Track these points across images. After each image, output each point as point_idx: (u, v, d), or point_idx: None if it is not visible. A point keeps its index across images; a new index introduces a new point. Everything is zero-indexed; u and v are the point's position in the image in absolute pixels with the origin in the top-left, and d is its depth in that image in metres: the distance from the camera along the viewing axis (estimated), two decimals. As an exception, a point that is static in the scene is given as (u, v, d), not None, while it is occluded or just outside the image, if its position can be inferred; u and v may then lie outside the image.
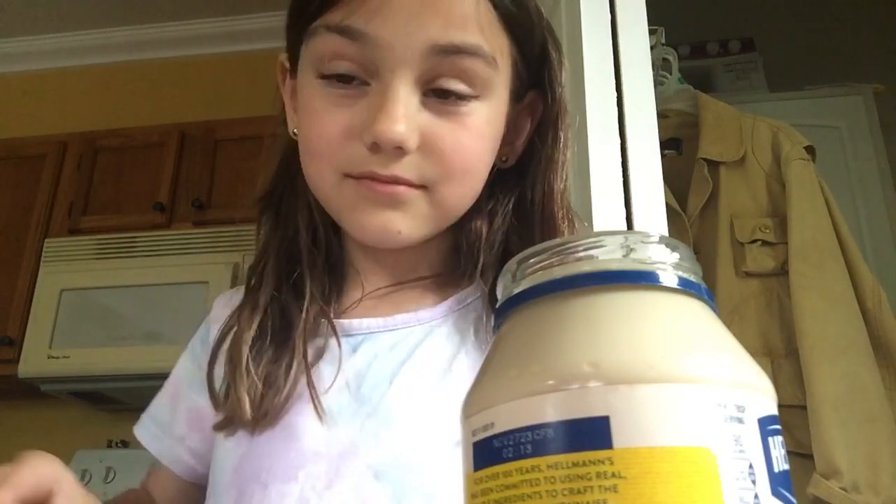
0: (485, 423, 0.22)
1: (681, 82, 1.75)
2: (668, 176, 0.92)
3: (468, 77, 0.51)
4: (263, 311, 0.59)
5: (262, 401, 0.54)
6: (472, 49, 0.50)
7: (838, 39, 2.57)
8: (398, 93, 0.50)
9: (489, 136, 0.55)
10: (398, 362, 0.55)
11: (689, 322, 0.22)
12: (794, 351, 1.38)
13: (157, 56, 2.67)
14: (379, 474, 0.51)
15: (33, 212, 2.26)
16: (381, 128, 0.49)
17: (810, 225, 1.44)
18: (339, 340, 0.57)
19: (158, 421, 0.67)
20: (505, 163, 0.60)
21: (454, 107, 0.52)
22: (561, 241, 0.24)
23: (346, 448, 0.52)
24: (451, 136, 0.52)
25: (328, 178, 0.54)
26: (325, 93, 0.53)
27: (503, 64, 0.54)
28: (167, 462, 0.65)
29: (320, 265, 0.60)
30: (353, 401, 0.54)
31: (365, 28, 0.50)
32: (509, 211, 0.59)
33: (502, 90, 0.55)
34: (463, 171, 0.53)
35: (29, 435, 2.33)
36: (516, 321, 0.24)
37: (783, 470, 0.21)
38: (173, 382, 0.68)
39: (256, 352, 0.57)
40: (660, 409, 0.20)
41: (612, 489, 0.19)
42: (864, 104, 2.03)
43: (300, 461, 0.53)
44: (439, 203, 0.54)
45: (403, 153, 0.51)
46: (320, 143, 0.54)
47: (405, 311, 0.58)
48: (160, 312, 2.03)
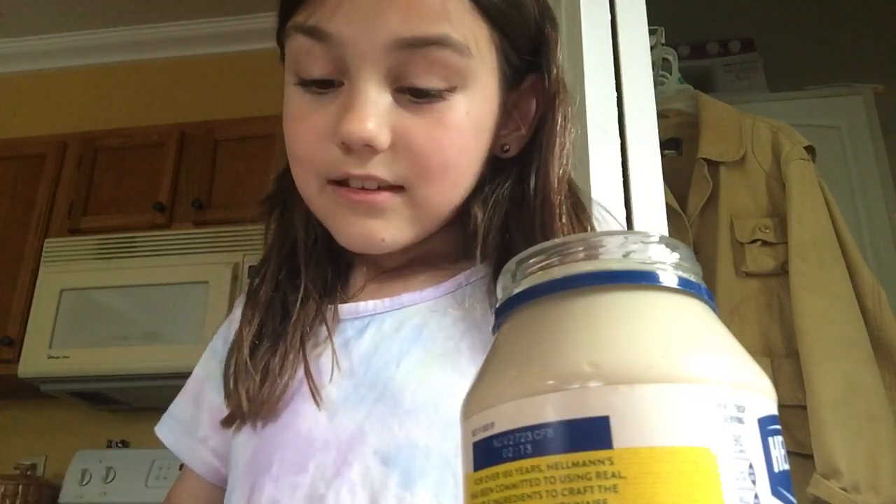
0: (485, 423, 0.22)
1: (681, 82, 1.75)
2: (668, 176, 0.92)
3: (439, 69, 0.50)
4: (264, 308, 0.59)
5: (258, 393, 0.54)
6: (439, 40, 0.49)
7: (838, 39, 2.57)
8: (365, 90, 0.49)
9: (470, 129, 0.52)
10: (406, 343, 0.55)
11: (689, 322, 0.22)
12: (794, 351, 1.38)
13: (157, 56, 2.67)
14: (386, 459, 0.50)
15: (33, 212, 2.26)
16: (347, 127, 0.49)
17: (810, 225, 1.44)
18: (342, 325, 0.57)
19: (180, 420, 0.67)
20: (507, 152, 0.58)
21: (428, 103, 0.50)
22: (561, 240, 0.24)
23: (353, 434, 0.52)
24: (424, 132, 0.50)
25: (311, 184, 0.54)
26: (301, 98, 0.53)
27: (483, 50, 0.51)
28: (189, 462, 0.65)
29: (319, 260, 0.60)
30: (361, 385, 0.54)
31: (327, 26, 0.49)
32: (504, 197, 0.57)
33: (486, 78, 0.53)
34: (441, 167, 0.52)
35: (29, 435, 2.33)
36: (516, 321, 0.24)
37: (783, 470, 0.21)
38: (194, 382, 0.68)
39: (255, 346, 0.57)
40: (660, 409, 0.20)
41: (612, 489, 0.19)
42: (864, 104, 2.03)
43: (310, 451, 0.53)
44: (421, 203, 0.53)
45: (374, 151, 0.50)
46: (298, 148, 0.54)
47: (410, 291, 0.58)
48: (160, 312, 2.03)
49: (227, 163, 2.21)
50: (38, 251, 2.19)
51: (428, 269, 0.59)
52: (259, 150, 2.18)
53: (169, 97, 2.57)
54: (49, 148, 2.33)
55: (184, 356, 1.98)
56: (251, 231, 2.07)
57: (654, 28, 1.51)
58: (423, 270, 0.59)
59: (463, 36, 0.49)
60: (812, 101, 2.05)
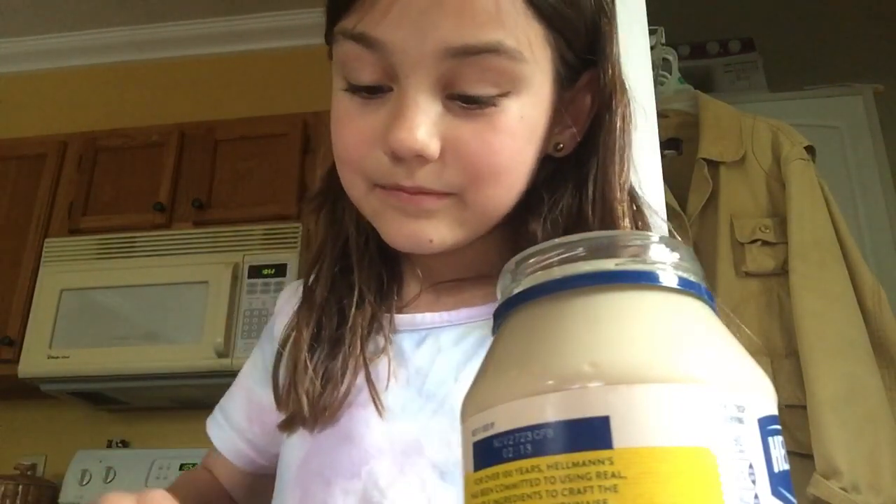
0: (485, 423, 0.22)
1: (681, 82, 1.75)
2: (668, 176, 0.92)
3: (492, 76, 0.48)
4: (320, 309, 0.59)
5: (320, 398, 0.54)
6: (491, 47, 0.47)
7: (838, 39, 2.57)
8: (415, 99, 0.48)
9: (524, 133, 0.51)
10: (464, 357, 0.54)
11: (690, 322, 0.22)
12: (794, 351, 1.38)
13: (157, 56, 2.67)
14: (445, 474, 0.50)
15: (33, 212, 2.26)
16: (398, 136, 0.47)
17: (810, 225, 1.44)
18: (398, 336, 0.57)
19: (226, 412, 0.68)
20: (560, 150, 0.55)
21: (479, 109, 0.49)
22: (561, 241, 0.24)
23: (409, 445, 0.52)
24: (476, 139, 0.49)
25: (358, 186, 0.53)
26: (350, 101, 0.52)
27: (536, 53, 0.49)
28: (226, 453, 0.67)
29: (371, 261, 0.60)
30: (418, 396, 0.54)
31: (375, 33, 0.48)
32: (564, 208, 0.55)
33: (539, 80, 0.50)
34: (493, 173, 0.50)
35: (29, 435, 2.33)
36: (516, 321, 0.24)
37: (783, 470, 0.21)
38: (242, 375, 0.69)
39: (314, 350, 0.57)
40: (660, 409, 0.20)
41: (612, 489, 0.19)
42: (864, 104, 2.03)
43: (363, 458, 0.52)
44: (472, 207, 0.51)
45: (425, 161, 0.49)
46: (345, 152, 0.53)
47: (469, 306, 0.57)
48: (160, 312, 2.03)
49: (227, 163, 2.20)
50: (38, 251, 2.19)
51: (486, 284, 0.57)
52: (259, 150, 2.19)
53: (169, 97, 2.57)
54: (49, 148, 2.33)
55: (184, 356, 1.99)
56: (251, 231, 2.08)
57: (654, 28, 1.51)
58: (481, 285, 0.58)
59: (517, 40, 0.47)
60: (812, 101, 2.05)
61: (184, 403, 2.21)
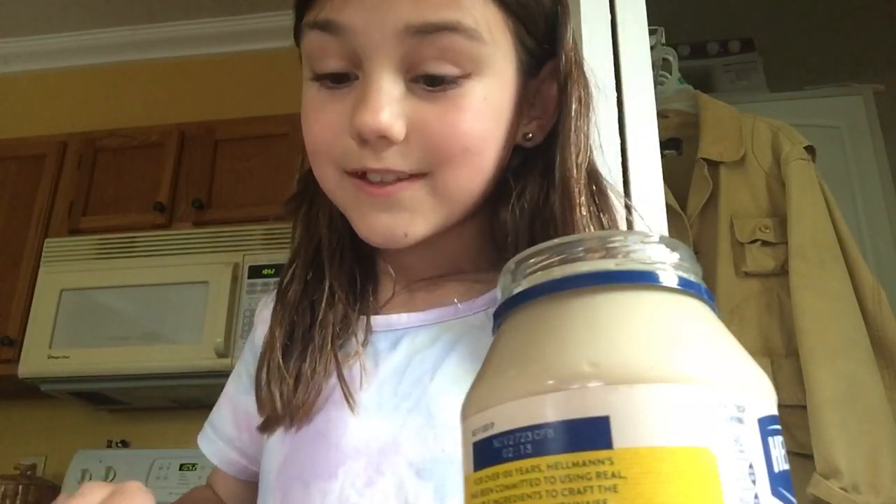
0: (485, 423, 0.22)
1: (681, 82, 1.75)
2: (668, 176, 0.92)
3: (452, 56, 0.49)
4: (293, 309, 0.59)
5: (293, 396, 0.55)
6: (450, 24, 0.48)
7: (838, 39, 2.57)
8: (379, 82, 0.49)
9: (488, 114, 0.51)
10: (439, 357, 0.55)
11: (690, 322, 0.22)
12: (794, 351, 1.38)
13: (157, 56, 2.67)
14: (421, 472, 0.51)
15: (33, 212, 2.26)
16: (362, 118, 0.48)
17: (810, 225, 1.44)
18: (374, 337, 0.57)
19: (214, 425, 0.68)
20: (530, 140, 0.57)
21: (442, 90, 0.50)
22: (561, 240, 0.24)
23: (386, 444, 0.52)
24: (440, 119, 0.50)
25: (330, 176, 0.54)
26: (317, 93, 0.53)
27: (497, 36, 0.51)
28: (218, 464, 0.67)
29: (343, 260, 0.60)
30: (393, 396, 0.54)
31: (338, 18, 0.49)
32: (531, 194, 0.56)
33: (501, 64, 0.52)
34: (461, 151, 0.50)
35: (29, 435, 2.33)
36: (516, 321, 0.24)
37: (783, 470, 0.21)
38: (227, 387, 0.69)
39: (287, 349, 0.57)
40: (660, 409, 0.20)
41: (612, 489, 0.19)
42: (864, 104, 2.03)
43: (339, 458, 0.53)
44: (442, 190, 0.52)
45: (390, 143, 0.49)
46: (315, 142, 0.53)
47: (444, 306, 0.57)
48: (160, 312, 2.03)
49: (227, 163, 2.21)
50: (38, 251, 2.19)
51: (461, 281, 0.58)
52: (259, 150, 2.19)
53: (169, 97, 2.57)
54: (49, 148, 2.33)
55: (184, 356, 1.99)
56: (251, 231, 2.08)
57: (654, 28, 1.51)
58: (455, 282, 0.58)
59: (475, 21, 0.49)
60: (812, 101, 2.05)
61: (184, 403, 2.21)
